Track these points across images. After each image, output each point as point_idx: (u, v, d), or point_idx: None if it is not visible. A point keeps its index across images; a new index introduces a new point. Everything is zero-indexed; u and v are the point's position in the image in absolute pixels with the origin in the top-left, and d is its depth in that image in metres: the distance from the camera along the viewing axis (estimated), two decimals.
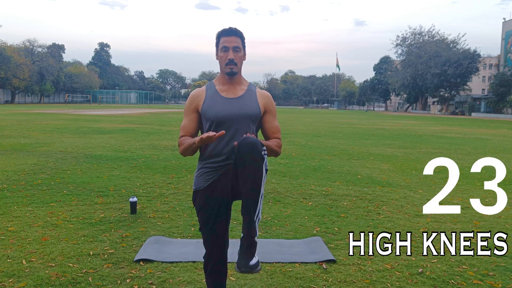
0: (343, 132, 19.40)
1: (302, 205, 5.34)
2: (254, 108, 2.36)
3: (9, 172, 7.07)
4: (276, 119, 2.49)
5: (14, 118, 23.00)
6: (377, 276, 3.22)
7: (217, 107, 2.32)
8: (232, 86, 2.39)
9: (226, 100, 2.35)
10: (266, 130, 2.43)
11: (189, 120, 2.40)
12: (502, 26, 65.98)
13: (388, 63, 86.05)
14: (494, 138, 18.03)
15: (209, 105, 2.34)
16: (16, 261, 3.33)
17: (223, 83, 2.40)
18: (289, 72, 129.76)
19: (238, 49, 2.34)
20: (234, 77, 2.37)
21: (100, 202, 5.25)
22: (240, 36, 2.35)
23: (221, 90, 2.38)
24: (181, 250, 3.65)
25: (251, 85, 2.46)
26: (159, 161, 8.67)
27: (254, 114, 2.35)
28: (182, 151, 2.34)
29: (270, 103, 2.45)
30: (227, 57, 2.32)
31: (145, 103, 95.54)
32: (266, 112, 2.43)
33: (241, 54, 2.36)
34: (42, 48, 75.63)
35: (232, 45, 2.32)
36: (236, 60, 2.33)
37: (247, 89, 2.42)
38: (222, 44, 2.33)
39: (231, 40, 2.32)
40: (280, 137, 2.46)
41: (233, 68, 2.33)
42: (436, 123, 32.04)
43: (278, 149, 2.37)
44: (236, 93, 2.38)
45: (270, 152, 2.33)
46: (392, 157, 10.53)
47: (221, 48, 2.34)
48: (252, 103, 2.37)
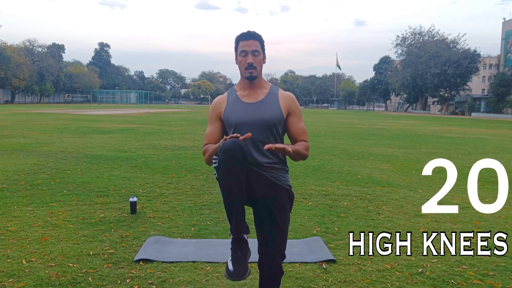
0: (343, 132, 19.40)
1: (302, 205, 5.34)
2: (276, 112, 2.31)
3: (9, 172, 7.07)
4: (302, 121, 2.44)
5: (14, 118, 23.00)
6: (377, 276, 3.22)
7: (238, 112, 2.30)
8: (253, 91, 2.35)
9: (247, 105, 2.32)
10: (292, 133, 2.40)
11: (213, 128, 2.38)
12: (502, 26, 65.96)
13: (388, 63, 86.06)
14: (494, 138, 18.03)
15: (231, 112, 2.32)
16: (16, 261, 3.33)
17: (243, 88, 2.37)
18: (289, 72, 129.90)
19: (257, 52, 2.30)
20: (254, 81, 2.33)
21: (100, 202, 5.25)
22: (259, 40, 2.32)
23: (242, 96, 2.35)
24: (181, 250, 3.65)
25: (273, 87, 2.41)
26: (159, 161, 8.67)
27: (276, 118, 2.31)
28: (207, 159, 2.29)
29: (294, 104, 2.39)
30: (246, 61, 2.28)
31: (145, 103, 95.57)
32: (290, 114, 2.38)
33: (261, 57, 2.33)
34: (42, 48, 75.65)
35: (251, 49, 2.29)
36: (256, 64, 2.29)
37: (269, 92, 2.37)
38: (241, 48, 2.30)
39: (250, 44, 2.29)
40: (307, 139, 2.42)
41: (253, 72, 2.30)
42: (436, 123, 32.04)
43: (306, 152, 2.33)
44: (257, 97, 2.34)
45: (298, 157, 2.28)
46: (392, 157, 10.53)
47: (240, 53, 2.31)
48: (274, 107, 2.32)
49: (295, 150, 2.21)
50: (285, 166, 2.42)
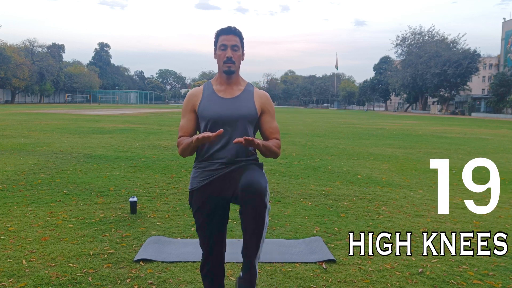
0: (343, 132, 19.40)
1: (302, 205, 5.34)
2: (250, 109, 2.32)
3: (9, 172, 7.07)
4: (275, 120, 2.45)
5: (14, 118, 23.00)
6: (377, 276, 3.22)
7: (213, 107, 2.30)
8: (229, 86, 2.36)
9: (222, 100, 2.32)
10: (265, 131, 2.40)
11: (187, 120, 2.38)
12: (502, 26, 65.96)
13: (388, 63, 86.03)
14: (494, 138, 18.03)
15: (206, 105, 2.32)
16: (16, 261, 3.33)
17: (220, 83, 2.37)
18: (289, 72, 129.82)
19: (237, 47, 2.31)
20: (231, 76, 2.34)
21: (100, 202, 5.25)
22: (239, 35, 2.33)
23: (218, 90, 2.36)
24: (181, 250, 3.65)
25: (249, 85, 2.42)
26: (159, 161, 8.67)
27: (250, 115, 2.32)
28: (180, 152, 2.32)
29: (268, 103, 2.41)
30: (225, 55, 2.29)
31: (145, 103, 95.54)
32: (264, 112, 2.39)
33: (240, 53, 2.33)
34: (42, 48, 75.67)
35: (230, 43, 2.30)
36: (234, 59, 2.30)
37: (245, 89, 2.38)
38: (221, 42, 2.31)
39: (230, 38, 2.30)
40: (279, 138, 2.42)
41: (231, 67, 2.30)
42: (436, 123, 32.04)
43: (277, 150, 2.34)
44: (233, 93, 2.35)
45: (269, 154, 2.30)
46: (392, 157, 10.53)
47: (220, 47, 2.31)
48: (249, 104, 2.33)
49: (265, 145, 2.23)
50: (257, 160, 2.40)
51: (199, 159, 2.37)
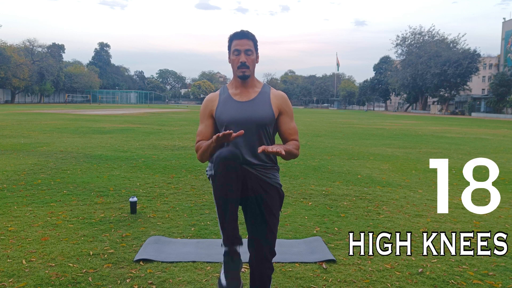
0: (343, 132, 19.40)
1: (302, 205, 5.34)
2: (267, 112, 2.32)
3: (9, 172, 7.07)
4: (293, 120, 2.44)
5: (14, 118, 23.00)
6: (377, 276, 3.22)
7: (230, 111, 2.31)
8: (245, 90, 2.36)
9: (238, 104, 2.32)
10: (283, 132, 2.40)
11: (205, 126, 2.39)
12: (502, 26, 65.96)
13: (388, 63, 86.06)
14: (494, 138, 18.03)
15: (222, 110, 2.33)
16: (16, 261, 3.33)
17: (236, 86, 2.38)
18: (289, 72, 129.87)
19: (250, 52, 2.31)
20: (246, 80, 2.34)
21: (100, 202, 5.25)
22: (252, 39, 2.33)
23: (234, 94, 2.36)
24: (181, 250, 3.65)
25: (265, 87, 2.42)
26: (159, 161, 8.67)
27: (267, 117, 2.31)
28: (200, 156, 2.30)
29: (285, 104, 2.40)
30: (239, 60, 2.29)
31: (145, 103, 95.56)
32: (281, 113, 2.38)
33: (254, 57, 2.34)
34: (42, 48, 75.66)
35: (244, 48, 2.30)
36: (248, 63, 2.30)
37: (261, 91, 2.38)
38: (234, 47, 2.31)
39: (243, 43, 2.30)
40: (298, 139, 2.42)
41: (245, 72, 2.31)
42: (436, 123, 32.04)
43: (297, 152, 2.36)
44: (249, 96, 2.35)
45: (290, 157, 2.30)
46: (392, 157, 10.53)
47: (233, 51, 2.32)
48: (265, 106, 2.33)
49: (287, 150, 2.23)
50: (276, 165, 2.44)
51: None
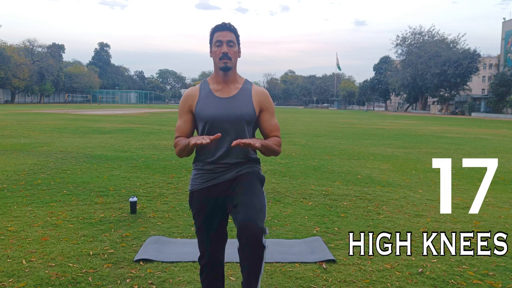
0: (343, 132, 19.40)
1: (302, 205, 5.34)
2: (248, 108, 2.27)
3: (9, 172, 7.07)
4: (274, 117, 2.39)
5: (14, 118, 23.00)
6: (377, 276, 3.22)
7: (210, 108, 2.26)
8: (226, 85, 2.30)
9: (219, 100, 2.27)
10: (264, 129, 2.36)
11: (184, 121, 2.34)
12: (502, 26, 65.96)
13: (388, 63, 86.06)
14: (494, 138, 18.02)
15: (203, 106, 2.27)
16: (16, 261, 3.33)
17: (217, 81, 2.32)
18: (289, 72, 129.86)
19: (232, 43, 2.26)
20: (228, 73, 2.28)
21: (100, 202, 5.25)
22: (234, 32, 2.28)
23: (215, 90, 2.30)
24: (181, 250, 3.65)
25: (247, 83, 2.36)
26: (159, 161, 8.67)
27: (248, 114, 2.27)
28: (177, 153, 2.29)
29: (266, 100, 2.34)
30: (221, 51, 2.24)
31: (145, 103, 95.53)
32: (262, 110, 2.33)
33: (236, 49, 2.28)
34: (42, 48, 75.68)
35: (226, 39, 2.25)
36: (231, 55, 2.24)
37: (242, 87, 2.32)
38: (216, 39, 2.26)
39: (225, 34, 2.25)
40: (279, 135, 2.38)
41: (227, 63, 2.24)
42: (436, 123, 32.04)
43: (278, 148, 2.31)
44: (230, 92, 2.29)
45: (269, 153, 2.27)
46: (392, 157, 10.53)
47: (215, 43, 2.26)
48: (246, 103, 2.28)
49: (265, 144, 2.19)
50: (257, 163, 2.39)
51: (198, 160, 2.36)
